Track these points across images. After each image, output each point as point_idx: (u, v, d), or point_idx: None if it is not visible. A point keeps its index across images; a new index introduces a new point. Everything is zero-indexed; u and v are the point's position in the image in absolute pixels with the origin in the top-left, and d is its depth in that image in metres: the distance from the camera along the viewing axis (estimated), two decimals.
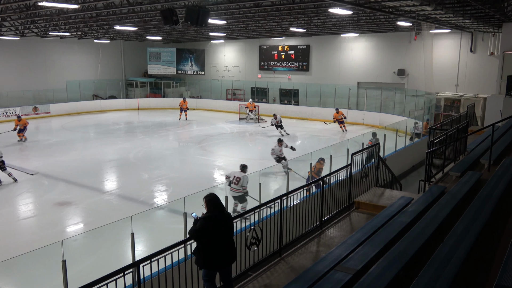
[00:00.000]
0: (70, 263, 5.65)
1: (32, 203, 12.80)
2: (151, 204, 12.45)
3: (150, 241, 9.47)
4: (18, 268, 7.79)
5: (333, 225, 8.09)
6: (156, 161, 17.35)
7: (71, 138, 22.40)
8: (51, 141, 21.80)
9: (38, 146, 20.62)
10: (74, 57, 32.92)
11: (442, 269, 4.68)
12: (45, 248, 6.12)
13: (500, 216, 6.61)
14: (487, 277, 4.94)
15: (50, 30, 23.82)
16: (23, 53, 29.74)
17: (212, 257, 5.06)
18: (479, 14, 16.38)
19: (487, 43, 23.40)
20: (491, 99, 19.35)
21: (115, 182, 15.23)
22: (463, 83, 24.34)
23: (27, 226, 11.17)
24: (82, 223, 11.28)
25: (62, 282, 5.54)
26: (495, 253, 5.52)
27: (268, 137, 22.66)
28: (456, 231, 5.66)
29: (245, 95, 33.78)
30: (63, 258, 5.58)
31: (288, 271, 6.22)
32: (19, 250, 8.25)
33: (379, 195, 9.35)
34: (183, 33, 27.92)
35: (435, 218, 6.33)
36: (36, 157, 17.70)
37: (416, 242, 5.60)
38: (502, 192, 7.09)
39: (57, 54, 31.80)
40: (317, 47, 30.32)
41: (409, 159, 16.93)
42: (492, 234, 6.05)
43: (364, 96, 27.95)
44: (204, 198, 5.25)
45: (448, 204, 6.90)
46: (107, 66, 35.01)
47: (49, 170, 15.66)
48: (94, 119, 29.20)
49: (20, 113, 27.94)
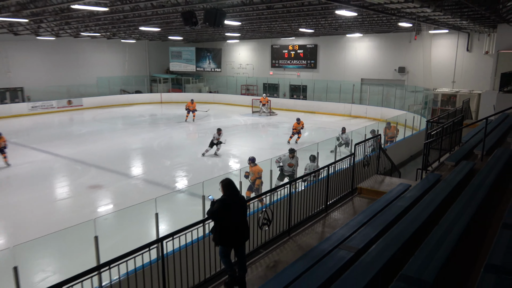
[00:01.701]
0: (101, 239, 5.75)
1: (68, 186, 13.01)
2: (173, 188, 12.57)
3: (172, 220, 9.57)
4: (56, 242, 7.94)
5: (337, 208, 8.10)
6: (177, 150, 17.45)
7: (101, 129, 22.64)
8: (83, 131, 22.06)
9: (72, 135, 20.90)
10: (104, 56, 33.11)
11: (436, 249, 4.66)
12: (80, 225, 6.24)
13: (491, 202, 6.55)
14: (478, 257, 4.92)
15: (82, 31, 23.99)
16: (58, 52, 29.98)
17: (227, 235, 5.11)
18: (475, 15, 16.05)
19: (483, 43, 22.94)
20: (486, 94, 19.02)
21: (140, 168, 15.39)
22: (459, 80, 23.94)
23: (63, 206, 11.37)
24: (111, 204, 11.44)
25: (95, 255, 5.65)
26: (485, 235, 5.48)
27: (278, 129, 22.65)
28: (450, 215, 5.62)
29: (258, 91, 33.70)
30: (95, 234, 5.68)
31: (296, 249, 6.25)
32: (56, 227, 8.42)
33: (380, 182, 9.31)
34: (202, 34, 27.88)
35: (430, 203, 6.30)
36: (70, 145, 17.92)
37: (413, 225, 5.58)
38: (494, 180, 7.01)
39: (89, 53, 32.01)
40: (324, 46, 30.05)
41: (407, 149, 16.78)
42: (484, 219, 6.00)
43: (367, 91, 27.68)
44: (220, 183, 5.28)
45: (443, 190, 6.85)
46: (133, 64, 35.18)
47: (82, 157, 15.87)
48: (122, 111, 29.42)
49: (56, 105, 28.37)
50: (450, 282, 4.49)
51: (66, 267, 7.74)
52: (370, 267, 4.52)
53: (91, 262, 5.34)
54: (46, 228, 8.87)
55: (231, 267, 5.24)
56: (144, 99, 33.71)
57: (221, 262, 5.40)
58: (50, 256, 8.37)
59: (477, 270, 4.57)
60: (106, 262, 4.20)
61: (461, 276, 4.59)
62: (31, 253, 7.81)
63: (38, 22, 19.76)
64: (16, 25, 21.53)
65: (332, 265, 4.86)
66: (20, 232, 9.49)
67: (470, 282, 4.41)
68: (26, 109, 26.94)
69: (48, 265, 7.99)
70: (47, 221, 9.98)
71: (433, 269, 4.22)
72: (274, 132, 21.60)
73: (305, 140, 19.12)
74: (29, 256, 7.82)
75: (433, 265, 4.30)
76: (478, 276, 3.96)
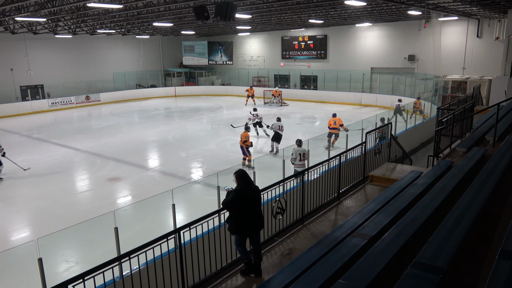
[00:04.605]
0: (121, 230, 5.79)
1: (88, 179, 13.16)
2: (189, 179, 12.61)
3: (188, 211, 9.62)
4: (78, 234, 8.05)
5: (350, 196, 8.03)
6: (192, 141, 17.49)
7: (118, 122, 22.82)
8: (101, 125, 22.25)
9: (90, 130, 21.11)
10: (119, 51, 33.26)
11: (449, 236, 4.58)
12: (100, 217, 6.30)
13: (503, 188, 6.40)
14: (491, 243, 4.82)
15: (98, 28, 24.12)
16: (76, 49, 30.22)
17: (242, 224, 5.09)
18: (485, 1, 15.60)
19: (493, 29, 22.33)
20: (496, 80, 18.55)
21: (157, 160, 15.47)
22: (470, 66, 23.41)
23: (84, 198, 11.50)
24: (130, 196, 11.52)
25: (115, 246, 5.70)
26: (499, 221, 5.36)
27: (289, 119, 22.53)
28: (462, 202, 5.52)
29: (269, 82, 33.51)
30: (115, 226, 5.72)
31: (310, 237, 6.22)
32: (78, 218, 8.54)
33: (391, 170, 9.20)
34: (213, 27, 27.77)
35: (443, 190, 6.19)
36: (89, 139, 18.11)
37: (425, 212, 5.49)
38: (506, 166, 6.85)
39: (105, 49, 32.18)
40: (334, 37, 29.66)
41: (418, 137, 16.54)
42: (496, 205, 5.88)
43: (377, 80, 27.29)
44: (234, 174, 5.26)
45: (455, 177, 6.73)
46: (148, 59, 35.27)
47: (100, 150, 16.02)
48: (138, 105, 29.59)
49: (75, 101, 28.68)
50: (464, 268, 4.41)
51: (88, 258, 7.86)
52: (384, 254, 4.47)
53: (112, 252, 5.39)
54: (68, 220, 9.02)
55: (247, 255, 5.24)
56: (159, 93, 33.83)
57: (237, 251, 5.40)
58: (73, 247, 8.49)
59: (490, 256, 4.48)
60: (127, 253, 4.23)
61: (475, 263, 4.50)
62: (54, 245, 7.94)
63: (56, 21, 19.92)
64: (35, 24, 21.74)
65: (345, 252, 4.83)
66: (43, 224, 9.65)
67: (484, 268, 4.32)
68: (46, 106, 27.30)
69: (71, 256, 8.11)
70: (68, 213, 10.11)
71: (447, 255, 4.15)
72: (285, 122, 21.35)
73: (315, 130, 18.99)
74: (53, 247, 7.94)
75: (446, 252, 4.23)
76: (493, 263, 3.87)
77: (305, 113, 24.64)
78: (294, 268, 4.74)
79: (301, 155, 10.66)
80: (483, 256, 4.57)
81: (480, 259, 4.53)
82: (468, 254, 4.60)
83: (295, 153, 10.71)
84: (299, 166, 10.51)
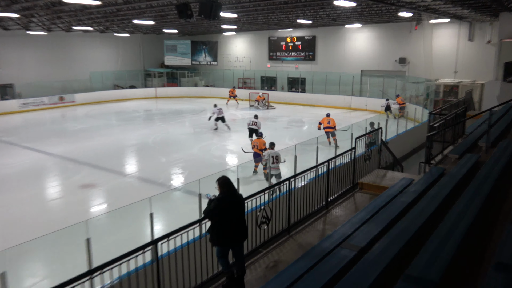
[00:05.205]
0: (94, 241, 5.63)
1: (59, 185, 12.88)
2: (169, 186, 12.46)
3: (167, 220, 9.47)
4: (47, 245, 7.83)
5: (338, 204, 8.01)
6: (173, 146, 17.33)
7: (94, 125, 22.49)
8: (76, 128, 21.90)
9: (64, 133, 20.72)
10: (97, 50, 32.88)
11: (442, 246, 4.57)
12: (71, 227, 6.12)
13: (497, 196, 6.46)
14: (485, 253, 4.83)
15: (74, 25, 23.79)
16: (50, 47, 29.75)
17: (225, 235, 5.02)
18: (477, 4, 15.89)
19: (485, 32, 22.78)
20: (489, 84, 18.93)
21: (135, 165, 15.27)
22: (461, 70, 23.82)
23: (55, 207, 11.24)
24: (105, 204, 11.32)
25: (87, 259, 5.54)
26: (493, 231, 5.39)
27: (276, 123, 22.54)
28: (455, 210, 5.53)
29: (255, 84, 33.54)
30: (87, 237, 5.57)
31: (296, 248, 6.17)
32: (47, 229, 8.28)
33: (382, 177, 9.22)
34: (197, 26, 27.68)
35: (435, 198, 6.21)
36: (62, 143, 17.77)
37: (417, 221, 5.49)
38: (500, 173, 6.91)
39: (81, 48, 31.77)
40: (322, 38, 29.88)
41: (409, 142, 16.70)
42: (490, 213, 5.91)
43: (367, 83, 27.56)
44: (217, 180, 5.19)
45: (447, 184, 6.76)
46: (127, 58, 34.97)
47: (74, 155, 15.73)
48: (116, 107, 29.26)
49: (48, 102, 28.17)
50: (457, 281, 4.40)
51: (57, 272, 7.63)
52: (374, 266, 4.43)
53: (83, 266, 5.23)
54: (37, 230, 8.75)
55: (229, 268, 5.16)
56: (138, 94, 33.51)
57: (218, 263, 5.31)
58: (41, 260, 8.26)
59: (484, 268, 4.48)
60: (99, 266, 4.11)
61: (469, 275, 4.49)
62: (21, 257, 7.70)
63: (29, 17, 19.56)
64: (6, 20, 21.30)
65: (334, 264, 4.78)
66: (9, 234, 9.37)
67: (479, 281, 4.32)
68: (16, 106, 26.74)
69: (38, 269, 7.88)
70: (37, 222, 9.87)
71: (439, 267, 4.13)
72: (272, 126, 21.50)
73: (303, 135, 19.02)
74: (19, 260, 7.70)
75: (439, 264, 4.21)
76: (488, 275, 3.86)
77: (293, 117, 24.70)
78: (279, 282, 4.66)
79: (273, 158, 10.71)
80: (478, 268, 4.57)
81: (474, 271, 4.52)
82: (461, 266, 4.59)
83: (268, 156, 10.75)
84: (273, 169, 10.60)
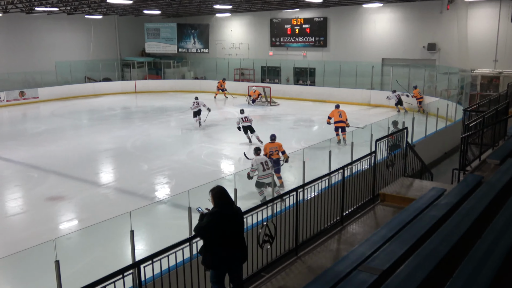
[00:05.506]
0: (64, 264, 5.69)
1: (21, 198, 12.94)
2: (152, 198, 12.51)
3: (151, 239, 9.53)
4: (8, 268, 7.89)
5: (356, 220, 8.05)
6: (157, 150, 17.39)
7: (62, 126, 22.53)
8: (40, 129, 21.94)
9: (25, 135, 20.78)
10: (64, 35, 32.97)
11: (480, 268, 4.63)
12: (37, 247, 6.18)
13: None
14: None
15: (36, 5, 23.87)
16: (7, 32, 29.86)
17: (220, 256, 5.06)
18: None
19: None
20: None
21: (111, 174, 15.32)
22: (503, 58, 23.88)
23: (16, 223, 11.29)
24: (76, 220, 11.38)
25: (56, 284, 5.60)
26: None
27: (280, 122, 22.62)
28: (495, 226, 5.59)
29: (254, 75, 33.63)
30: (56, 258, 5.62)
31: (306, 272, 6.22)
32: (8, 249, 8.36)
33: (407, 186, 9.27)
34: (185, 6, 27.80)
35: (471, 212, 6.26)
36: (24, 147, 17.83)
37: (450, 239, 5.53)
38: None
39: (45, 32, 31.87)
40: (335, 20, 29.99)
41: (440, 145, 16.77)
42: None
43: (389, 74, 27.63)
44: (210, 191, 5.24)
45: (486, 195, 6.82)
46: (100, 45, 35.05)
47: (39, 162, 15.78)
48: (87, 104, 29.32)
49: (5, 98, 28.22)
50: None
51: None
52: None
53: None
54: None
55: None
56: (114, 89, 33.62)
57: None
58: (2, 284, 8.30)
59: None
60: None
61: None
62: None
63: None
64: None
65: None
66: None
67: None
68: None
69: None
70: None
71: None
72: (275, 126, 21.57)
73: (312, 136, 19.09)
74: None
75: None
76: None
77: (300, 115, 24.77)
78: None
79: (263, 164, 10.92)
80: None
81: None
82: None
83: (256, 163, 10.91)
84: (265, 177, 10.89)
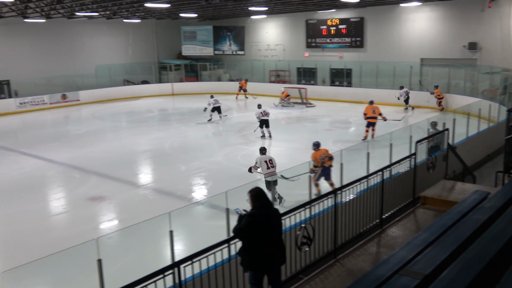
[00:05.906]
0: (105, 263, 5.80)
1: (64, 198, 13.24)
2: (190, 199, 12.63)
3: (190, 239, 9.60)
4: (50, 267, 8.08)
5: (395, 223, 7.96)
6: (194, 152, 17.55)
7: (102, 128, 23.06)
8: (81, 131, 22.49)
9: (67, 137, 21.37)
10: (103, 40, 33.76)
11: None
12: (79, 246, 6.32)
13: None
14: None
15: (77, 10, 24.53)
16: (50, 37, 30.72)
17: (259, 258, 5.07)
18: None
19: None
20: None
21: (150, 175, 15.55)
22: None
23: (59, 222, 11.58)
24: (116, 220, 11.59)
25: (98, 283, 5.70)
26: None
27: (316, 124, 22.49)
28: None
29: (290, 77, 33.60)
30: (98, 257, 5.73)
31: (345, 275, 6.17)
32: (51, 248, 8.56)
33: (449, 189, 9.10)
34: (220, 9, 28.01)
35: None
36: (66, 148, 18.28)
37: (494, 244, 5.39)
38: None
39: (85, 37, 32.68)
40: (372, 20, 29.64)
41: (483, 147, 16.31)
42: None
43: (428, 74, 27.12)
44: (249, 193, 5.25)
45: None
46: (138, 48, 35.72)
47: (80, 162, 16.15)
48: (126, 106, 29.91)
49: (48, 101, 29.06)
50: None
51: None
52: None
53: None
54: (39, 250, 9.07)
55: None
56: (152, 91, 34.18)
57: None
58: (45, 284, 8.52)
59: None
60: None
61: None
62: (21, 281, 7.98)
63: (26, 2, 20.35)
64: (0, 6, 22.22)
65: None
66: (8, 255, 9.74)
67: None
68: (13, 106, 27.79)
69: None
70: (40, 240, 10.17)
71: None
72: (311, 128, 21.48)
73: (349, 138, 18.90)
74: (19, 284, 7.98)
75: None
76: None
77: (336, 117, 24.60)
78: None
79: (267, 162, 11.11)
80: None
81: None
82: None
83: (260, 162, 11.19)
84: (269, 175, 11.07)
